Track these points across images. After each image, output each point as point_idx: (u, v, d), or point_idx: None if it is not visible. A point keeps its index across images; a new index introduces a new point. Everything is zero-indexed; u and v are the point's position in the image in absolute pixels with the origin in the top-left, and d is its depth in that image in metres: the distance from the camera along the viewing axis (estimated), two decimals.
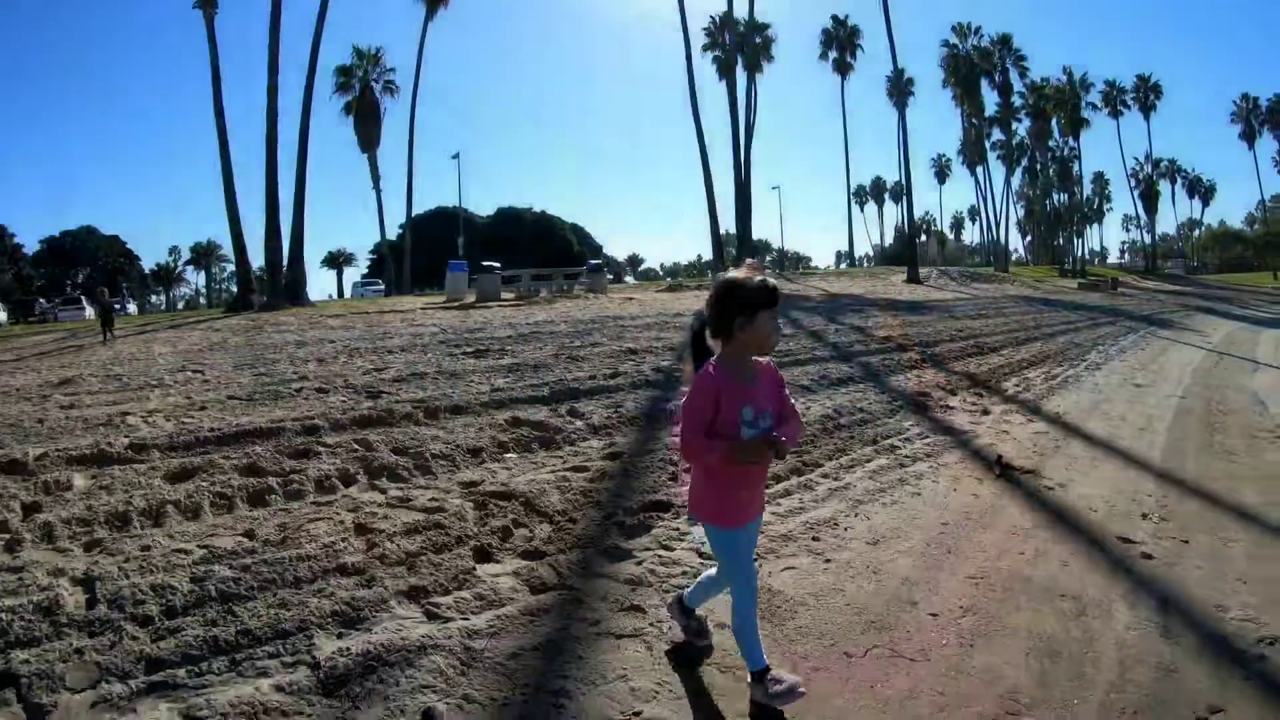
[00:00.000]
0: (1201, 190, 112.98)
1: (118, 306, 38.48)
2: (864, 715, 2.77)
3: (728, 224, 43.58)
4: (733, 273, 2.69)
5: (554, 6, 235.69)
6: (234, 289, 30.46)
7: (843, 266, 74.42)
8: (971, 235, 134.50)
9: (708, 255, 42.58)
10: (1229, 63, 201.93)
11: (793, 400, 2.88)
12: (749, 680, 2.80)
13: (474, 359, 10.17)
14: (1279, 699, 2.92)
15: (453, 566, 3.76)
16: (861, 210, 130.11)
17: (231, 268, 34.93)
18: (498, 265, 28.95)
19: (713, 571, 3.08)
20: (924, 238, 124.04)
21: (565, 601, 3.56)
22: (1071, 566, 4.22)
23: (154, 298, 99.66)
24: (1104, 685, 3.00)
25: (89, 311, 39.34)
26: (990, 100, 69.39)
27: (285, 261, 28.50)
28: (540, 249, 69.63)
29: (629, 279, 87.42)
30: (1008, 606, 3.69)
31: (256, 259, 30.36)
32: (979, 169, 72.91)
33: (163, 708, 2.65)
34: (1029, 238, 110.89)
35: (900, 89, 52.06)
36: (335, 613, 3.29)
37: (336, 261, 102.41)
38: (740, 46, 45.37)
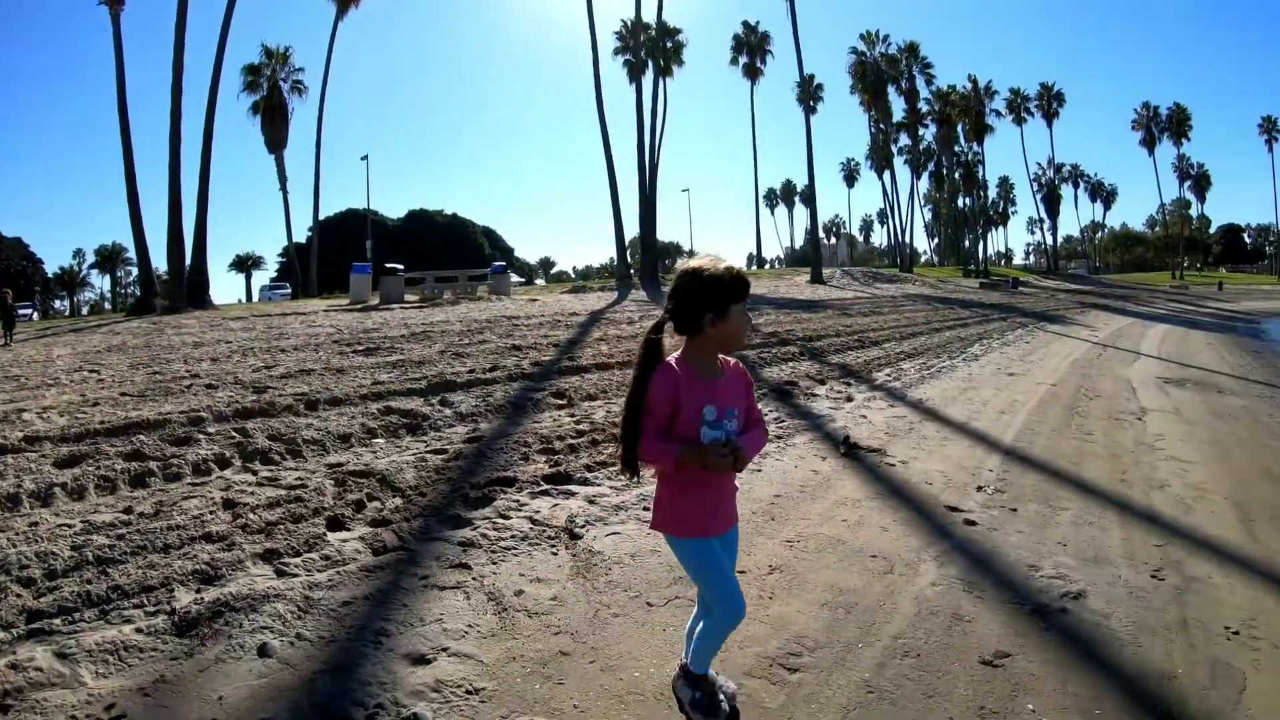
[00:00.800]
0: (1104, 194, 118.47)
1: (24, 312, 37.13)
2: (648, 653, 3.11)
3: (636, 227, 43.60)
4: (696, 262, 2.41)
5: (466, 9, 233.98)
6: (140, 292, 29.87)
7: (752, 268, 75.77)
8: (880, 237, 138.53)
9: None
10: (1131, 72, 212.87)
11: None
12: (681, 670, 2.72)
13: (363, 356, 10.60)
14: (1072, 647, 3.19)
15: (306, 533, 4.30)
16: (772, 213, 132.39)
17: (137, 271, 34.08)
18: (400, 267, 29.09)
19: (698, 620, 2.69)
20: (833, 240, 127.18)
21: (401, 560, 4.04)
22: (891, 532, 4.51)
23: (58, 302, 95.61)
24: (892, 633, 3.27)
25: None
26: (898, 106, 71.48)
27: (188, 264, 28.11)
28: (452, 252, 68.99)
29: (539, 281, 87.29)
30: (816, 565, 3.99)
31: (161, 262, 29.94)
32: (886, 173, 75.01)
33: (38, 649, 3.12)
34: (936, 240, 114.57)
35: (808, 96, 53.15)
36: (196, 571, 3.81)
37: (245, 265, 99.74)
38: (650, 50, 45.17)
